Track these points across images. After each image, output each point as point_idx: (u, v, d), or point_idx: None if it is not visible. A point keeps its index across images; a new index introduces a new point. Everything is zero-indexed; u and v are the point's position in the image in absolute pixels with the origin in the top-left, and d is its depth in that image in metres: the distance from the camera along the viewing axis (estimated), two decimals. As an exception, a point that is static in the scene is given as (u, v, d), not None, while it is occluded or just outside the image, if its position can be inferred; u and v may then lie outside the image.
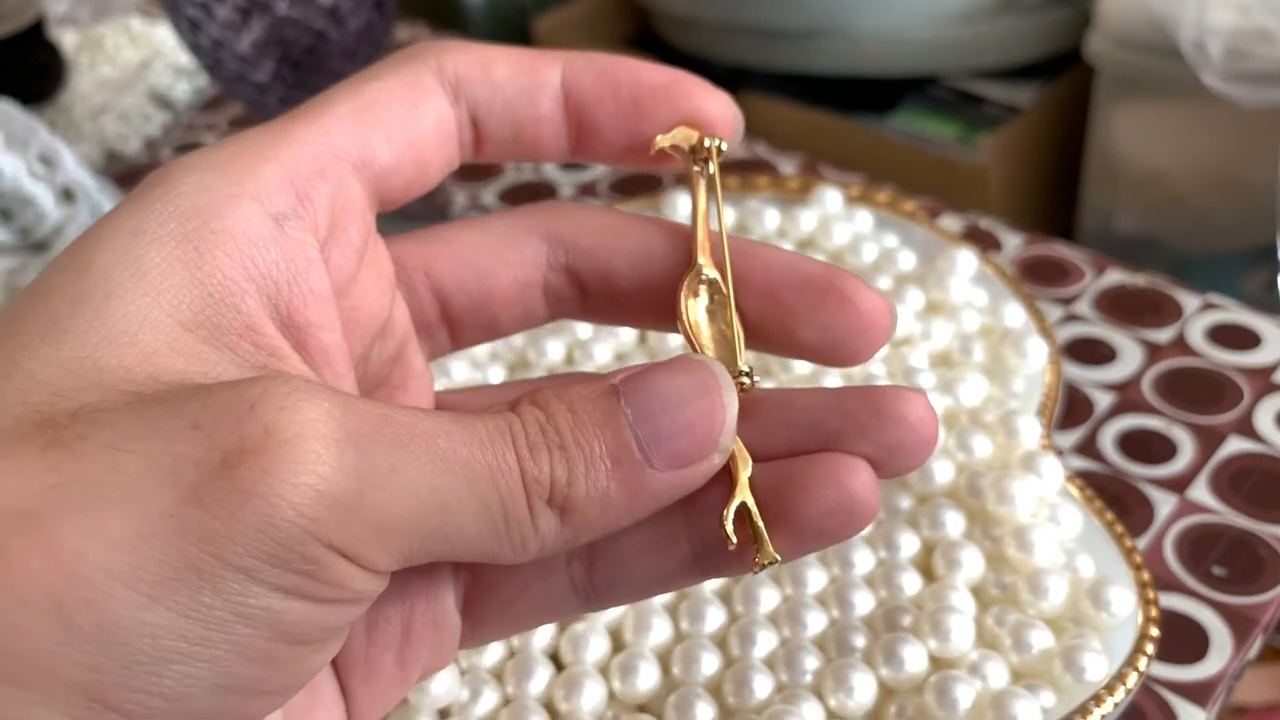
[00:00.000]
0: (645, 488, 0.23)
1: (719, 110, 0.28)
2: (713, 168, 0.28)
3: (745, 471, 0.24)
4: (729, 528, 0.24)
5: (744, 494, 0.24)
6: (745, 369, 0.26)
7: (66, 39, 0.90)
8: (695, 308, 0.27)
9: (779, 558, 0.24)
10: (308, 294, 0.24)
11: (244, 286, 0.23)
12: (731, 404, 0.24)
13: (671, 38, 1.33)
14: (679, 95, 0.28)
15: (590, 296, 0.29)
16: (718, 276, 0.27)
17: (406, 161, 0.27)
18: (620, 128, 0.28)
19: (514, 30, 1.58)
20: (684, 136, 0.28)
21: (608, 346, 0.52)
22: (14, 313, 0.22)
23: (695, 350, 0.26)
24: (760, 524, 0.24)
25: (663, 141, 0.28)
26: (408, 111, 0.26)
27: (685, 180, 0.29)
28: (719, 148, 0.28)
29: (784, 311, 0.26)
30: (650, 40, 1.40)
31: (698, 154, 0.28)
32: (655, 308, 0.28)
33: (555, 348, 0.52)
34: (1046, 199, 1.22)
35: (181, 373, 0.21)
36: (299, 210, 0.24)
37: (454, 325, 0.30)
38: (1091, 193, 1.13)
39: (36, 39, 0.82)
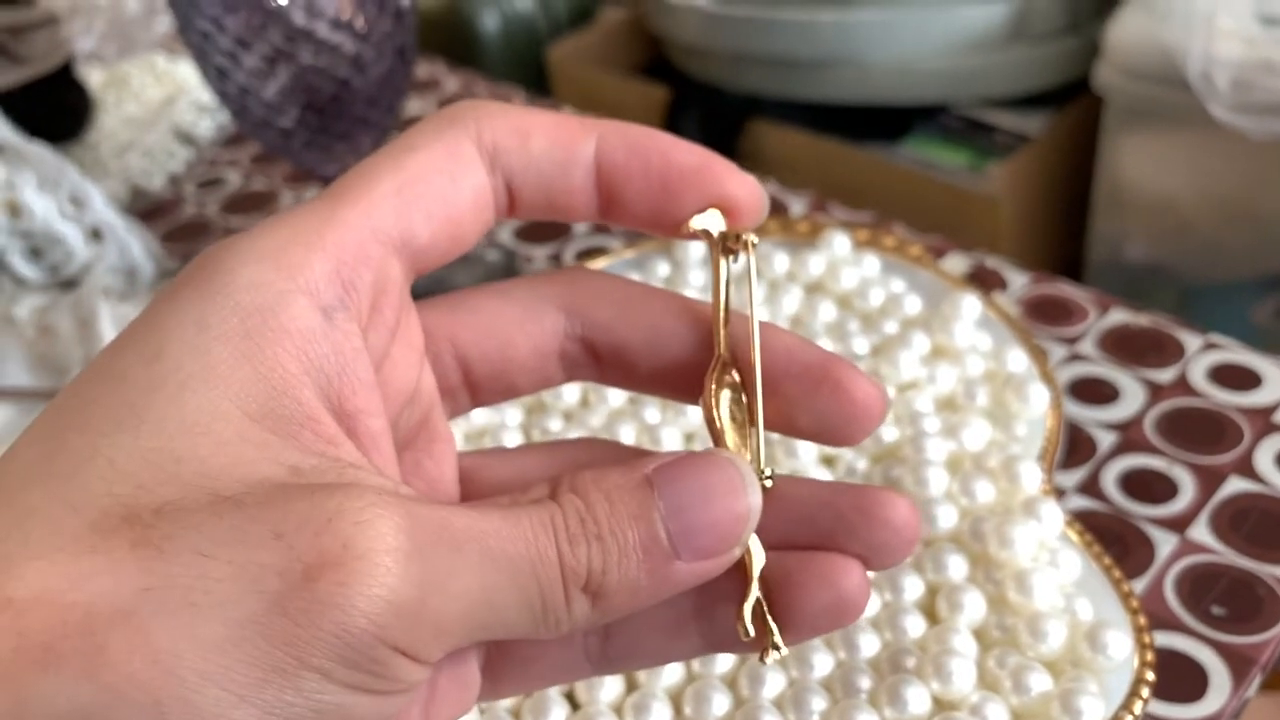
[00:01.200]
0: (670, 577, 0.24)
1: (746, 195, 0.28)
2: (745, 259, 0.29)
3: (759, 566, 0.27)
4: (747, 622, 0.26)
5: (758, 590, 0.26)
6: (768, 472, 0.27)
7: (93, 77, 0.92)
8: (722, 402, 0.28)
9: (785, 650, 0.27)
10: (356, 383, 0.25)
11: (301, 380, 0.24)
12: (755, 503, 0.25)
13: (683, 66, 1.34)
14: (708, 180, 0.28)
15: (604, 366, 0.31)
16: (738, 378, 0.28)
17: (444, 236, 0.27)
18: (647, 204, 0.28)
19: (529, 59, 1.60)
20: (714, 221, 0.28)
21: (620, 391, 0.53)
22: (85, 395, 0.23)
23: (717, 442, 0.27)
24: (771, 620, 0.26)
25: (695, 225, 0.28)
26: (447, 186, 0.27)
27: (710, 264, 0.30)
28: (752, 243, 0.29)
29: (782, 398, 0.28)
30: (663, 68, 1.41)
31: (725, 242, 0.28)
32: (666, 383, 0.30)
33: (570, 390, 0.54)
34: (1056, 228, 1.23)
35: (253, 463, 0.23)
36: (345, 300, 0.25)
37: (475, 389, 0.31)
38: (1101, 221, 1.14)
39: (66, 79, 0.84)
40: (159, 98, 0.90)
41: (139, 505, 0.21)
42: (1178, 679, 0.43)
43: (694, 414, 0.52)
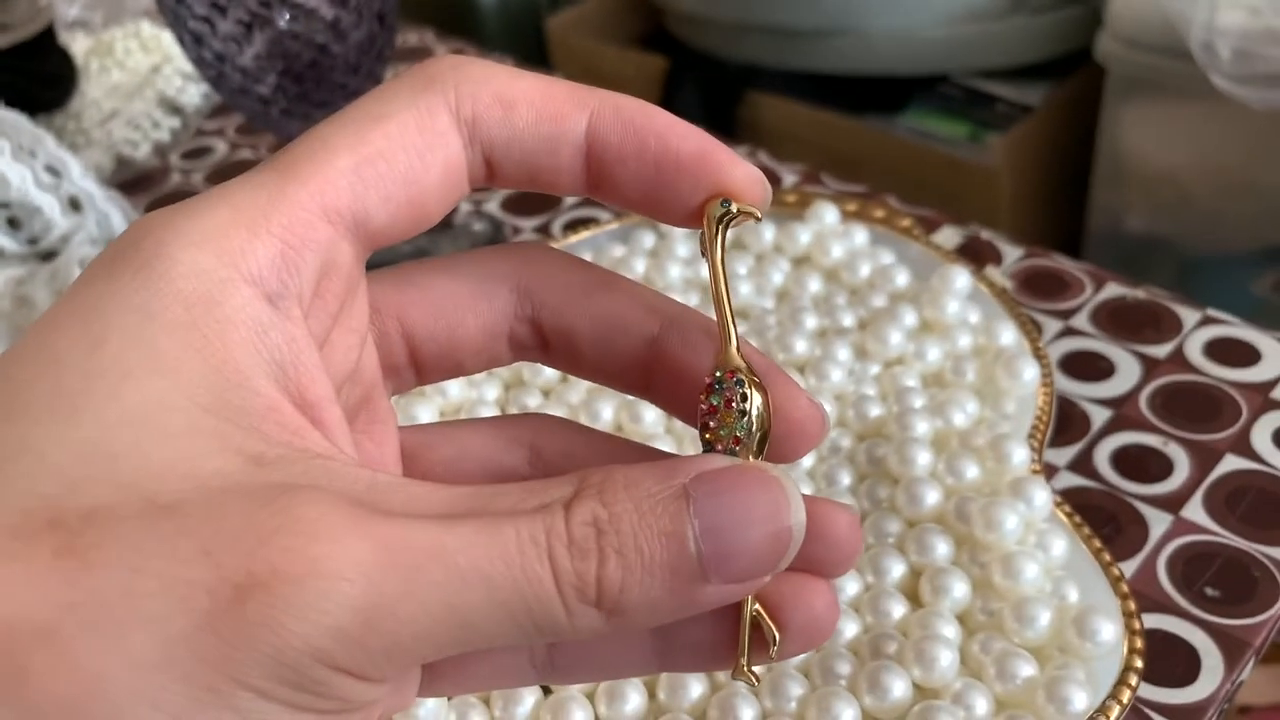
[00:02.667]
0: (696, 599, 0.23)
1: (748, 186, 0.27)
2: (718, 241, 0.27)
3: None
4: (746, 670, 0.26)
5: (756, 603, 0.26)
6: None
7: (78, 44, 0.91)
8: (744, 414, 0.26)
9: (758, 680, 0.26)
10: (313, 370, 0.24)
11: (257, 371, 0.23)
12: (800, 527, 0.24)
13: (683, 36, 1.33)
14: (709, 168, 0.26)
15: (552, 351, 0.30)
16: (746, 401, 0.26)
17: (404, 216, 0.26)
18: (640, 188, 0.27)
19: (527, 30, 1.58)
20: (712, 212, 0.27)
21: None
22: (15, 378, 0.22)
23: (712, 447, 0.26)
24: (746, 645, 0.26)
25: (709, 221, 0.27)
26: (413, 165, 0.25)
27: (704, 251, 0.27)
28: (755, 217, 0.27)
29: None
30: (662, 39, 1.40)
31: (725, 220, 0.27)
32: (613, 376, 0.29)
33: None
34: (1056, 199, 1.22)
35: (205, 456, 0.21)
36: (289, 285, 0.24)
37: (420, 368, 0.30)
38: (1101, 193, 1.13)
39: (48, 46, 0.82)
40: (145, 65, 0.89)
41: (66, 508, 0.20)
42: (1170, 662, 0.42)
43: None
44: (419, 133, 0.25)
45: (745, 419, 0.25)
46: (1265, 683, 0.91)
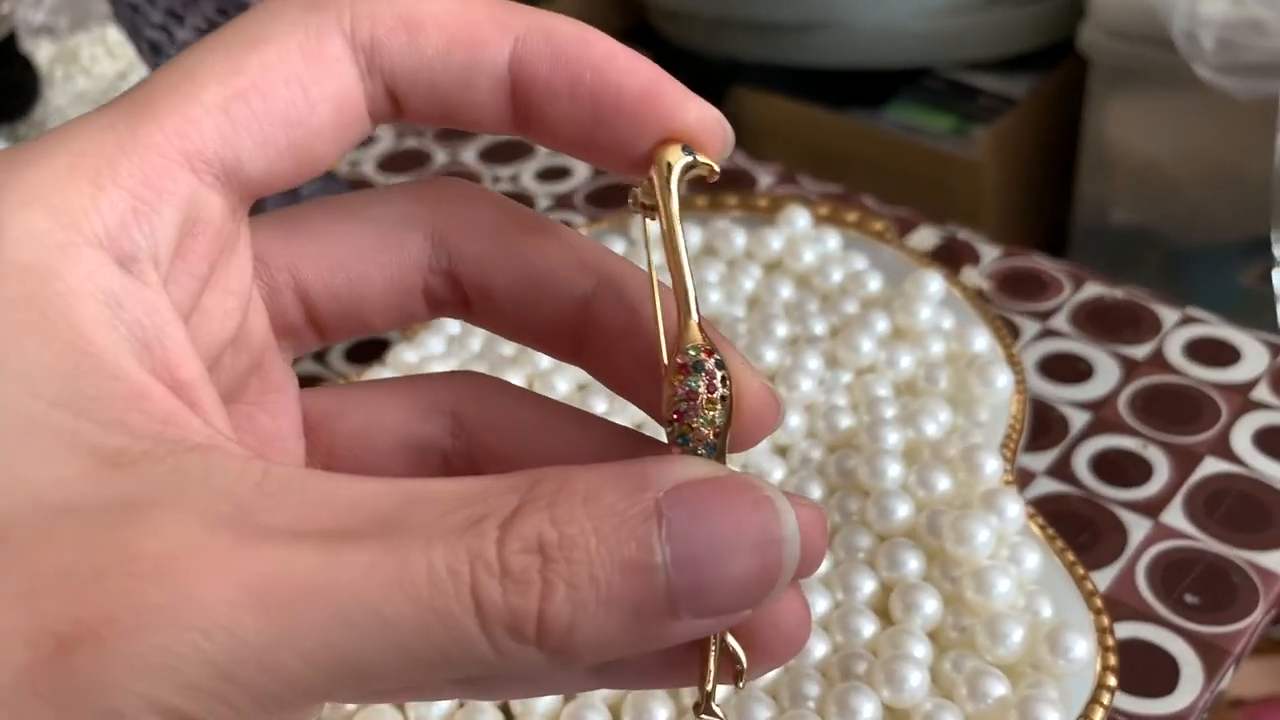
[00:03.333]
0: (660, 635, 0.19)
1: (705, 128, 0.23)
2: (673, 189, 0.23)
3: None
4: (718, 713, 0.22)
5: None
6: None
7: (43, 50, 0.90)
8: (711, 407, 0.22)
9: (721, 715, 0.22)
10: (182, 345, 0.21)
11: (117, 351, 0.19)
12: (792, 558, 0.20)
13: (665, 31, 1.33)
14: (656, 108, 0.23)
15: (473, 308, 0.26)
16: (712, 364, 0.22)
17: (287, 162, 0.22)
18: (576, 131, 0.23)
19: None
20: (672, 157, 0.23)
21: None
22: None
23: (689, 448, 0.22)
24: (713, 674, 0.22)
25: (639, 197, 0.23)
26: (296, 101, 0.22)
27: (651, 211, 0.23)
28: (714, 169, 0.23)
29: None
30: (645, 33, 1.40)
31: (679, 172, 0.23)
32: (539, 336, 0.26)
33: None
34: (1041, 192, 1.22)
35: (50, 460, 0.18)
36: (143, 246, 0.20)
37: (321, 327, 0.26)
38: (1086, 185, 1.12)
39: (8, 54, 0.81)
40: (111, 72, 0.88)
41: None
42: (1148, 673, 0.41)
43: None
44: (304, 60, 0.22)
45: (723, 408, 0.22)
46: (1258, 675, 0.90)
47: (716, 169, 0.23)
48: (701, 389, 0.22)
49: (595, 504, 0.19)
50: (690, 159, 0.23)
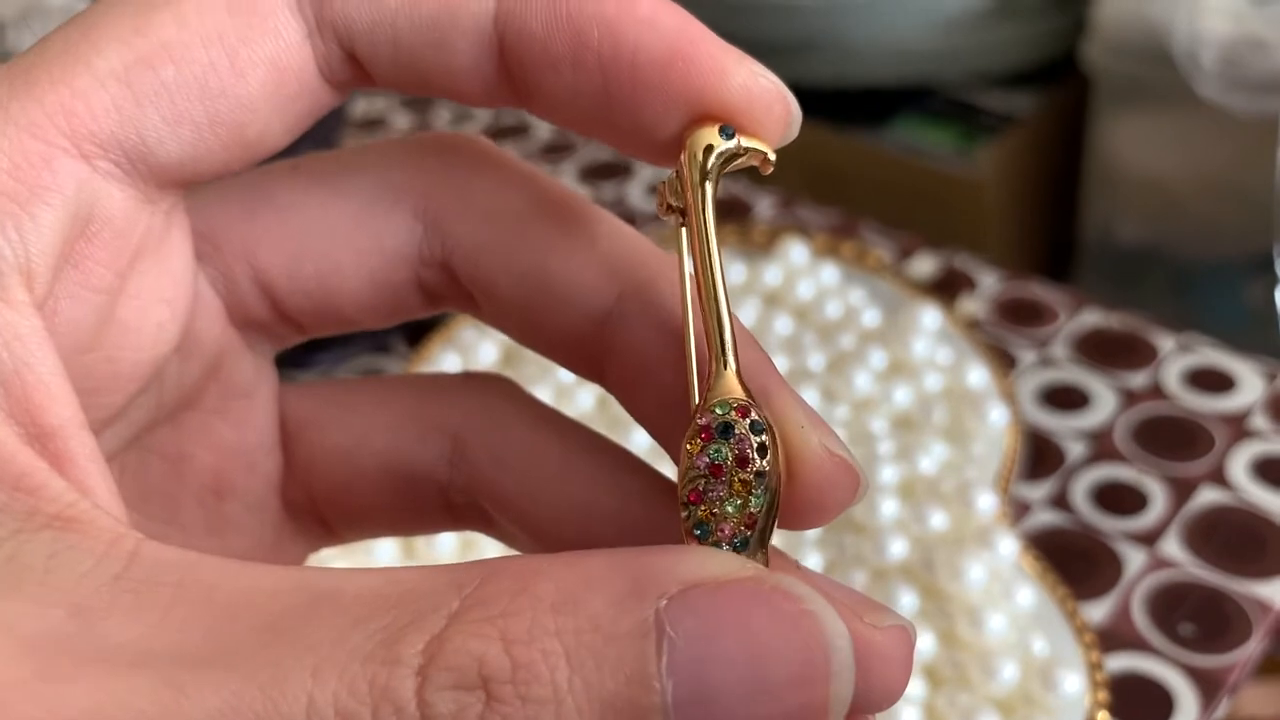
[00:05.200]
0: None
1: (747, 100, 0.17)
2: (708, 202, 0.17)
3: None
4: None
5: None
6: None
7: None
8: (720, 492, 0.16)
9: None
10: (48, 382, 0.16)
11: None
12: (843, 697, 0.14)
13: (667, 53, 1.33)
14: (686, 77, 0.17)
15: (479, 307, 0.21)
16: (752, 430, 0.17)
17: (213, 144, 0.18)
18: (582, 106, 0.18)
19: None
20: (707, 141, 0.18)
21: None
22: None
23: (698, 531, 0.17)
24: None
25: (666, 196, 0.18)
26: (218, 65, 0.17)
27: (676, 208, 0.18)
28: (769, 158, 0.18)
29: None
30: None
31: (720, 164, 0.18)
32: (553, 350, 0.21)
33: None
34: (1046, 209, 1.22)
35: None
36: (5, 254, 0.16)
37: (295, 323, 0.21)
38: (1091, 202, 1.12)
39: None
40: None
41: None
42: (1144, 704, 0.42)
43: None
44: (230, 14, 0.17)
45: (763, 488, 0.16)
46: (1267, 697, 0.90)
47: (771, 157, 0.18)
48: (728, 462, 0.16)
49: (569, 615, 0.13)
50: (731, 145, 0.17)
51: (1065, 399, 0.54)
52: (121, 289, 0.18)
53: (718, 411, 0.16)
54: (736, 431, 0.16)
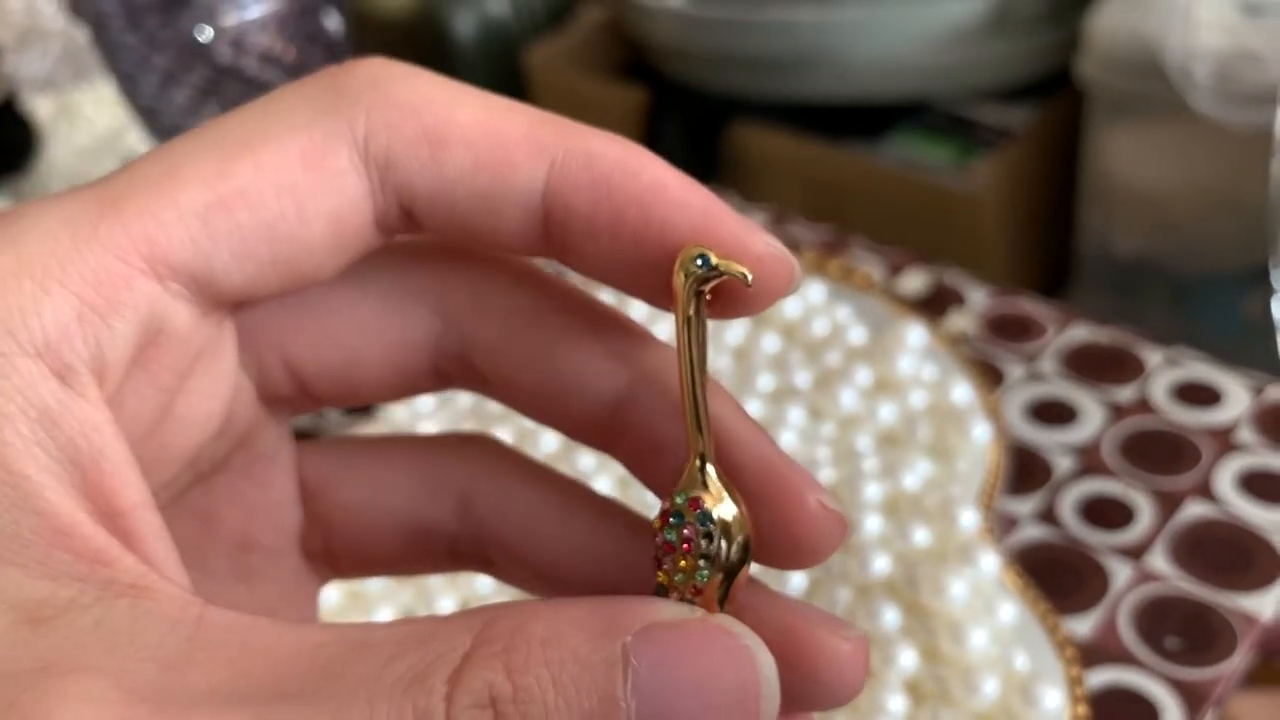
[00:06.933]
0: None
1: (761, 264, 0.20)
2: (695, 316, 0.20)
3: None
4: None
5: None
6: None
7: (43, 106, 0.91)
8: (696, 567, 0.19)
9: None
10: (121, 469, 0.18)
11: (43, 479, 0.17)
12: (770, 711, 0.17)
13: (663, 68, 1.33)
14: (709, 245, 0.19)
15: (491, 387, 0.23)
16: (724, 513, 0.19)
17: (270, 276, 0.20)
18: (615, 268, 0.20)
19: (505, 63, 1.58)
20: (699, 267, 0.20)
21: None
22: None
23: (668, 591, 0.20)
24: None
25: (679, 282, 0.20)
26: (287, 213, 0.19)
27: (679, 319, 0.20)
28: (745, 279, 0.19)
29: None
30: (644, 68, 1.40)
31: (705, 282, 0.19)
32: (568, 430, 0.23)
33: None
34: (1043, 223, 1.22)
35: None
36: (85, 358, 0.18)
37: (316, 399, 0.24)
38: (1088, 216, 1.13)
39: (6, 113, 0.82)
40: (111, 127, 0.89)
41: None
42: (1128, 718, 0.41)
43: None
44: (304, 169, 0.19)
45: (710, 564, 0.19)
46: (1261, 709, 0.90)
47: (749, 277, 0.19)
48: (679, 544, 0.19)
49: (555, 649, 0.16)
50: (705, 270, 0.19)
51: (1053, 413, 0.54)
52: (180, 387, 0.21)
53: (677, 501, 0.19)
54: (686, 520, 0.19)
